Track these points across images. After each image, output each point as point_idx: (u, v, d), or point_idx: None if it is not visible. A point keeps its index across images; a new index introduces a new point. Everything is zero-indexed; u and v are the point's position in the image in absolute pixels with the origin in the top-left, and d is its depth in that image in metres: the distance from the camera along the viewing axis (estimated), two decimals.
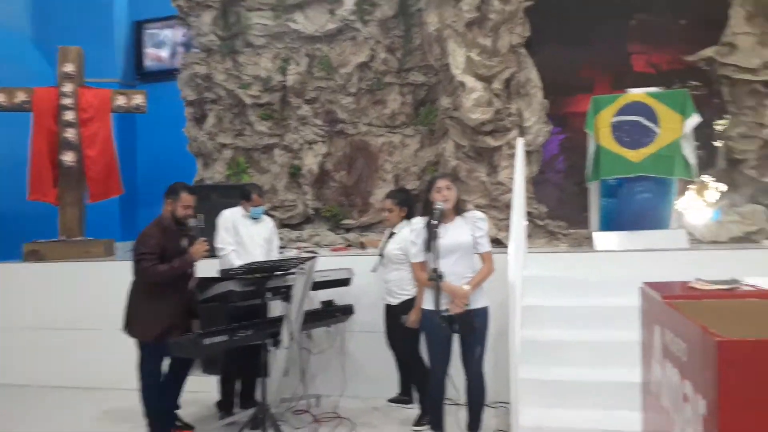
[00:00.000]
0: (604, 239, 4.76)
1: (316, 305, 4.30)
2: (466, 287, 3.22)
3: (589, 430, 3.32)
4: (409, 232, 3.51)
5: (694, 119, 4.53)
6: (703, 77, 5.96)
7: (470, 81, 5.29)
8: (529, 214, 5.37)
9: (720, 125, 5.56)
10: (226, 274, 3.82)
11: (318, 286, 4.17)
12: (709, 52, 5.25)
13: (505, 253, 4.18)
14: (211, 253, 4.11)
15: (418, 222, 3.43)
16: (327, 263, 4.48)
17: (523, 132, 5.36)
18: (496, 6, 5.27)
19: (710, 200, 5.23)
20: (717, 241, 4.88)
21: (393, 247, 4.08)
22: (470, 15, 5.29)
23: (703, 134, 5.90)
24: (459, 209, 3.47)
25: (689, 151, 4.54)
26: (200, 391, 4.41)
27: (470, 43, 5.36)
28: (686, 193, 5.40)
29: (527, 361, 3.72)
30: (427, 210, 3.36)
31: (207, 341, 3.45)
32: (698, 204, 5.25)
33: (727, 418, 1.23)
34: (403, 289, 4.02)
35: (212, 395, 4.41)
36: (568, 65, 7.32)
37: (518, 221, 4.10)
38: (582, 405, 3.43)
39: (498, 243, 5.05)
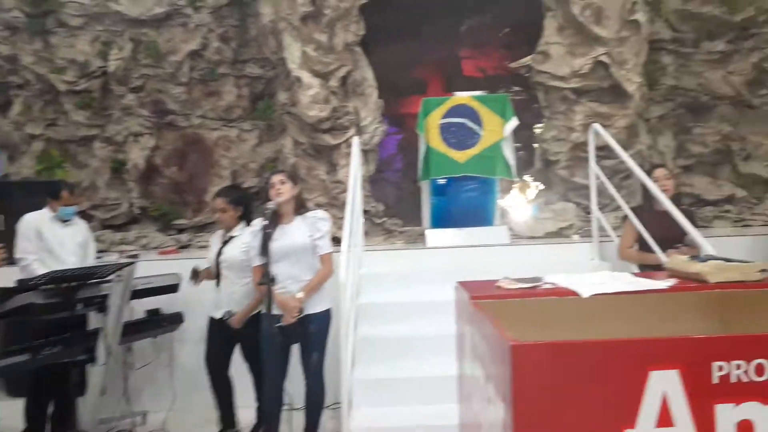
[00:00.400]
0: (435, 236, 4.96)
1: (141, 315, 3.96)
2: (300, 294, 3.13)
3: (423, 426, 3.40)
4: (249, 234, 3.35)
5: (513, 122, 4.86)
6: (524, 83, 6.47)
7: (307, 77, 5.21)
8: (366, 212, 5.43)
9: (538, 128, 6.08)
10: (24, 285, 3.35)
11: (141, 293, 3.84)
12: (527, 59, 5.68)
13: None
14: (11, 260, 3.61)
15: (257, 223, 3.29)
16: (154, 268, 4.15)
17: (360, 131, 5.40)
18: (330, 1, 5.24)
19: (529, 198, 5.69)
20: (534, 237, 5.31)
21: (234, 253, 3.60)
22: (305, 8, 5.20)
23: (525, 137, 6.41)
24: (299, 209, 3.37)
25: (509, 153, 4.87)
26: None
27: (306, 38, 5.28)
28: (509, 191, 5.83)
29: (364, 361, 3.75)
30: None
31: (1, 363, 3.01)
32: (519, 202, 5.70)
33: (522, 420, 1.29)
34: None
35: (14, 423, 3.88)
36: (403, 67, 7.55)
37: (353, 220, 4.12)
38: (416, 401, 3.51)
39: (338, 242, 5.04)
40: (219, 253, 3.68)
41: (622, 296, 1.88)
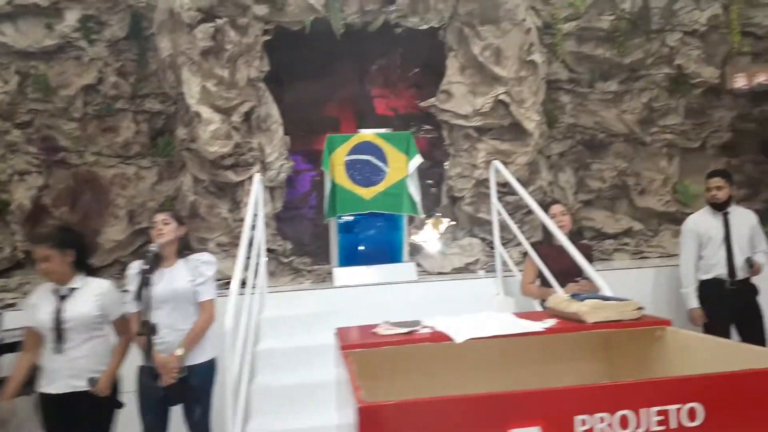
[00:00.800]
0: (343, 274, 4.83)
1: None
2: (179, 351, 2.89)
3: None
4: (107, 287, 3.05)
5: (417, 160, 4.87)
6: (435, 122, 6.55)
7: (207, 112, 5.03)
8: (272, 251, 5.24)
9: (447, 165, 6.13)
10: None
11: (7, 348, 3.46)
12: (434, 99, 5.75)
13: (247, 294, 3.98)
14: None
15: (136, 266, 3.04)
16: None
17: (265, 167, 5.25)
18: (232, 37, 5.12)
19: (437, 234, 5.69)
20: (442, 272, 5.28)
21: (83, 309, 2.93)
22: (205, 43, 5.04)
23: (437, 174, 6.46)
24: (182, 251, 3.15)
25: (414, 190, 4.86)
26: None
27: (206, 73, 5.11)
28: (419, 227, 5.81)
29: (260, 412, 3.52)
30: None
31: None
32: (427, 238, 5.68)
33: None
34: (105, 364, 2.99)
35: None
36: (316, 104, 7.53)
37: (258, 260, 3.93)
38: None
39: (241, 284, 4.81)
40: (57, 312, 2.92)
41: (498, 339, 1.81)
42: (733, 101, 5.95)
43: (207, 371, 3.01)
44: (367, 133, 4.95)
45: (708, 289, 4.24)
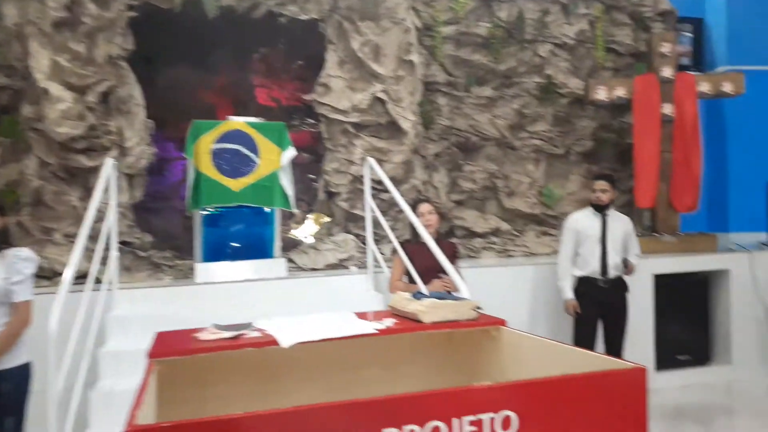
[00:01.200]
0: (205, 270, 4.57)
1: None
2: None
3: None
4: None
5: (291, 152, 4.70)
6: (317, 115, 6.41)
7: (57, 89, 4.55)
8: (128, 244, 4.86)
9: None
10: None
11: None
12: (314, 92, 5.62)
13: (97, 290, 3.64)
14: None
15: None
16: None
17: (123, 153, 4.85)
18: (91, 10, 4.67)
19: (312, 230, 5.57)
20: (316, 268, 5.17)
21: None
22: (58, 14, 4.56)
23: (318, 168, 6.32)
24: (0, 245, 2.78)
25: (287, 183, 4.69)
26: None
27: (59, 47, 4.63)
28: (299, 222, 5.66)
29: (98, 421, 3.23)
30: None
31: None
32: (301, 233, 5.54)
33: None
34: None
35: None
36: (192, 89, 7.13)
37: (109, 252, 3.59)
38: None
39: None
40: None
41: (336, 342, 1.72)
42: (596, 112, 6.34)
43: (20, 377, 2.68)
44: (237, 121, 4.70)
45: (582, 284, 4.50)
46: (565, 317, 4.63)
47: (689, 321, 5.55)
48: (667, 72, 5.75)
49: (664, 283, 5.24)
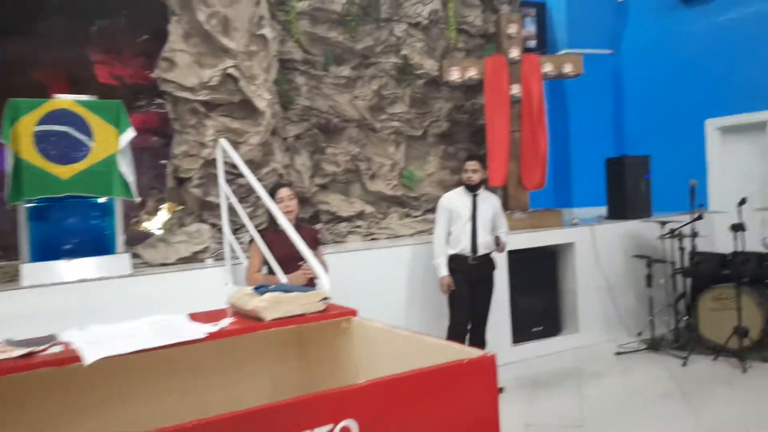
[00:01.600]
0: (33, 272, 4.00)
1: None
2: None
3: None
4: None
5: (130, 134, 4.22)
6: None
7: None
8: None
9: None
10: None
11: None
12: (157, 68, 5.12)
13: None
14: None
15: None
16: None
17: None
18: None
19: (161, 220, 5.11)
20: (166, 263, 4.76)
21: None
22: None
23: (167, 153, 5.82)
24: None
25: (126, 169, 4.22)
26: None
27: None
28: (151, 213, 5.17)
29: None
30: None
31: None
32: (149, 225, 5.07)
33: None
34: None
35: None
36: (19, 66, 6.32)
37: None
38: None
39: None
40: None
41: (148, 353, 1.48)
42: (450, 93, 6.46)
43: None
44: (64, 99, 4.12)
45: (453, 261, 4.57)
46: (438, 294, 4.68)
47: (541, 294, 5.88)
48: (515, 53, 5.97)
49: (516, 259, 5.48)
